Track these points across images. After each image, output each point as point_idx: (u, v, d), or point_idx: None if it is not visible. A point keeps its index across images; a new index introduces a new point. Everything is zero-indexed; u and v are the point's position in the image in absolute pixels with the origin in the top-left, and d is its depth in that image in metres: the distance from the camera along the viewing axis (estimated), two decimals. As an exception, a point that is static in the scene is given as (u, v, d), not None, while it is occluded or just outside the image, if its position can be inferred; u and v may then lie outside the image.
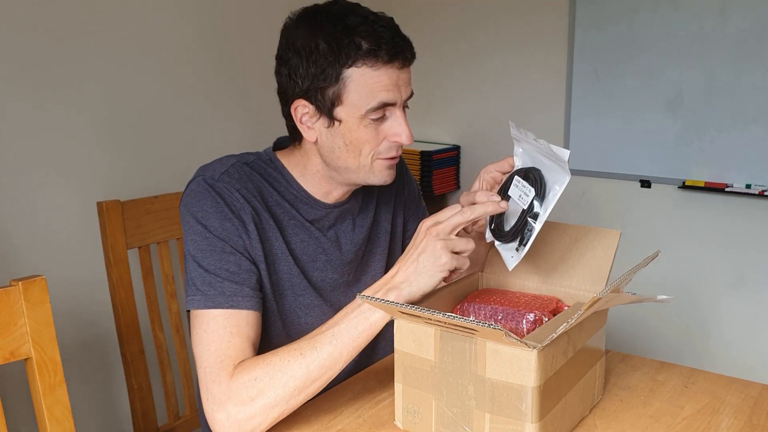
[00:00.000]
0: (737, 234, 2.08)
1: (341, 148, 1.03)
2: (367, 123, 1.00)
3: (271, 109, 2.10)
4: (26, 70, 1.52)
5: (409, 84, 1.03)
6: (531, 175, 0.96)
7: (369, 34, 0.96)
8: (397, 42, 0.98)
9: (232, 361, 0.94)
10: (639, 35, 2.11)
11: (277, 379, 0.91)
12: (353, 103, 0.99)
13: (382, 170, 1.05)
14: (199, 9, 1.88)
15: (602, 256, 1.04)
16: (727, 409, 1.01)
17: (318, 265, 1.12)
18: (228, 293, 0.97)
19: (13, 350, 0.87)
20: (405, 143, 1.03)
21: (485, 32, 2.44)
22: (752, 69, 1.95)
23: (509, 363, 0.81)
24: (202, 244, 0.99)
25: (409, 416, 0.93)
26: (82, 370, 1.67)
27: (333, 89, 0.99)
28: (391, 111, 1.01)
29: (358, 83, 0.98)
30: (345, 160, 1.04)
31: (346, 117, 1.00)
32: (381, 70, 0.98)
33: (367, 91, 0.98)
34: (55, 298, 0.95)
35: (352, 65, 0.97)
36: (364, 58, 0.96)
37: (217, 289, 0.97)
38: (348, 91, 0.98)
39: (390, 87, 0.99)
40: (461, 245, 0.94)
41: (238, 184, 1.03)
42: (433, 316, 0.80)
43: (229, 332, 0.96)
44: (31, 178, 1.55)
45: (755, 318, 2.09)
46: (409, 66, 1.02)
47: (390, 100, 1.00)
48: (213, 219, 1.00)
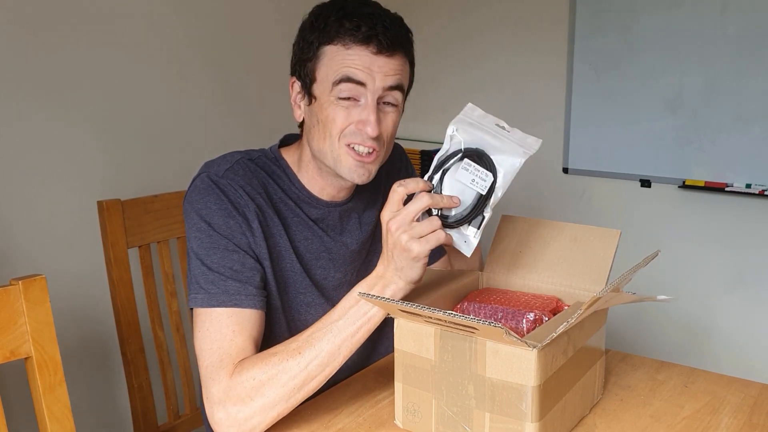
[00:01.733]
0: (737, 234, 2.08)
1: (315, 126, 1.03)
2: (334, 100, 0.99)
3: (271, 108, 2.10)
4: (26, 70, 1.52)
5: (389, 75, 0.99)
6: (485, 159, 0.92)
7: (355, 16, 0.97)
8: (377, 26, 0.97)
9: (233, 360, 0.94)
10: (639, 36, 2.11)
11: (276, 379, 0.91)
12: (323, 79, 1.00)
13: (350, 163, 1.02)
14: (200, 9, 1.88)
15: (602, 256, 1.04)
16: (727, 409, 1.01)
17: (321, 264, 1.12)
18: (231, 292, 0.97)
19: (14, 349, 0.87)
20: (370, 134, 0.99)
21: (486, 32, 2.44)
22: (752, 69, 1.95)
23: (509, 362, 0.81)
24: (206, 242, 0.99)
25: (409, 415, 0.93)
26: (82, 369, 1.67)
27: (310, 64, 1.01)
28: (363, 97, 0.99)
29: (330, 58, 0.99)
30: (318, 141, 1.03)
31: (319, 94, 1.01)
32: (352, 50, 0.98)
33: (336, 67, 0.98)
34: (56, 297, 0.95)
35: (329, 43, 0.99)
36: (342, 36, 0.98)
37: (221, 287, 0.97)
38: (320, 66, 1.00)
39: (359, 66, 0.98)
40: (426, 228, 0.88)
41: (242, 180, 1.03)
42: (434, 314, 0.80)
43: (232, 331, 0.95)
44: (32, 177, 1.55)
45: (755, 317, 2.09)
46: (389, 56, 0.99)
47: (356, 77, 0.98)
48: (217, 216, 1.00)
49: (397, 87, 1.01)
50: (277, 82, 2.10)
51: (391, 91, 1.01)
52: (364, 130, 0.99)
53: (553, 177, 2.35)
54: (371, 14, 0.98)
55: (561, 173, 2.33)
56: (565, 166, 2.31)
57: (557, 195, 2.36)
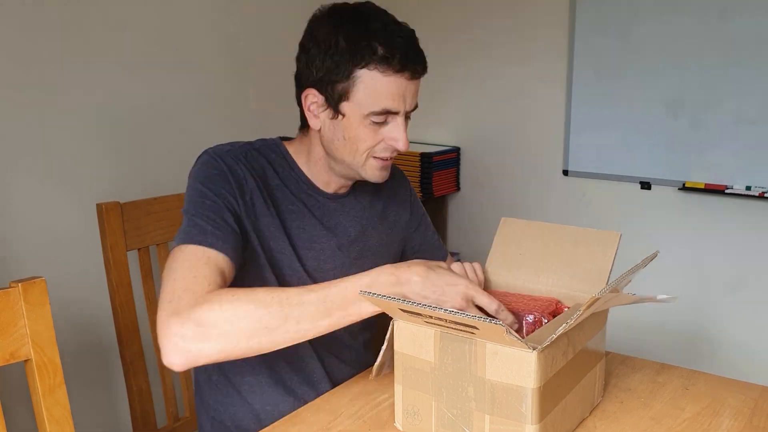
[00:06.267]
0: (737, 235, 2.08)
1: (340, 141, 1.07)
2: (368, 123, 1.04)
3: (272, 111, 2.11)
4: (26, 72, 1.52)
5: (415, 96, 1.07)
6: None
7: (386, 40, 1.00)
8: (410, 54, 1.02)
9: (201, 288, 0.90)
10: (639, 37, 2.11)
11: (247, 311, 0.88)
12: (359, 102, 1.03)
13: (374, 169, 1.10)
14: (200, 11, 1.88)
15: (602, 258, 1.04)
16: (728, 411, 1.01)
17: (313, 254, 1.14)
18: (208, 232, 0.97)
19: (13, 352, 0.87)
20: (401, 149, 1.08)
21: (485, 34, 2.44)
22: (752, 72, 1.95)
23: (509, 364, 0.81)
24: (197, 199, 1.02)
25: (409, 418, 0.93)
26: (81, 371, 1.67)
27: (343, 85, 1.03)
28: (392, 118, 1.05)
29: (367, 85, 1.02)
30: (342, 153, 1.08)
31: (350, 113, 1.04)
32: (390, 78, 1.02)
33: (374, 95, 1.02)
34: (55, 299, 0.95)
35: (364, 66, 1.01)
36: (377, 62, 1.01)
37: (199, 228, 0.98)
38: (356, 90, 1.03)
39: (395, 96, 1.03)
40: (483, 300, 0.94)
41: (243, 160, 1.08)
42: (434, 312, 0.80)
43: (203, 263, 0.94)
44: (31, 179, 1.55)
45: (755, 319, 2.09)
46: (418, 78, 1.05)
47: (393, 108, 1.04)
48: (214, 181, 1.04)
49: (416, 106, 1.09)
50: (278, 86, 2.10)
51: (413, 109, 1.09)
52: (396, 145, 1.07)
53: (553, 179, 2.35)
54: (400, 37, 1.02)
55: (561, 175, 2.33)
56: (565, 169, 2.31)
57: (557, 197, 2.36)
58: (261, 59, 2.08)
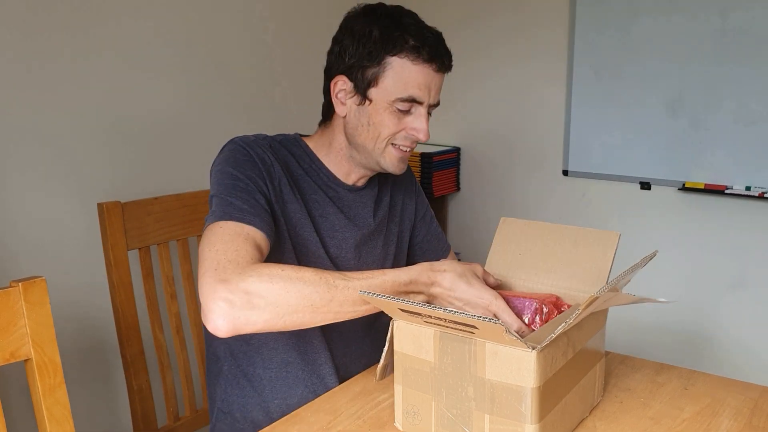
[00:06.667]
0: (737, 236, 2.08)
1: (364, 126, 1.12)
2: (393, 110, 1.10)
3: (274, 111, 2.11)
4: (27, 71, 1.52)
5: (438, 92, 1.13)
6: None
7: (417, 33, 1.08)
8: (439, 48, 1.10)
9: (245, 261, 0.92)
10: (639, 37, 2.12)
11: (297, 288, 0.90)
12: (387, 88, 1.09)
13: (393, 159, 1.15)
14: (201, 12, 1.88)
15: (602, 258, 1.04)
16: (727, 411, 1.01)
17: (335, 242, 1.18)
18: (244, 210, 1.00)
19: (13, 351, 0.87)
20: (422, 139, 1.13)
21: (486, 33, 2.44)
22: (752, 70, 1.95)
23: (509, 364, 0.81)
24: (228, 182, 1.04)
25: (409, 418, 0.93)
26: (82, 371, 1.67)
27: (373, 70, 1.08)
28: (416, 108, 1.11)
29: (396, 71, 1.08)
30: (364, 139, 1.13)
31: (377, 98, 1.10)
32: (419, 66, 1.08)
33: (403, 82, 1.08)
34: (55, 299, 0.95)
35: (396, 54, 1.08)
36: (408, 51, 1.07)
37: (235, 207, 1.00)
38: (386, 75, 1.08)
39: (422, 85, 1.09)
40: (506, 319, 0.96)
41: (269, 150, 1.12)
42: (434, 312, 0.80)
43: (243, 238, 0.95)
44: (32, 179, 1.55)
45: (755, 320, 2.09)
46: (443, 74, 1.12)
47: (419, 97, 1.09)
48: (243, 166, 1.07)
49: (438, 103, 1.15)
50: (281, 84, 2.11)
51: (435, 105, 1.15)
52: (417, 136, 1.12)
53: (552, 179, 2.35)
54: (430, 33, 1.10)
55: (561, 175, 2.33)
56: (565, 169, 2.31)
57: (557, 197, 2.36)
58: (265, 60, 2.08)
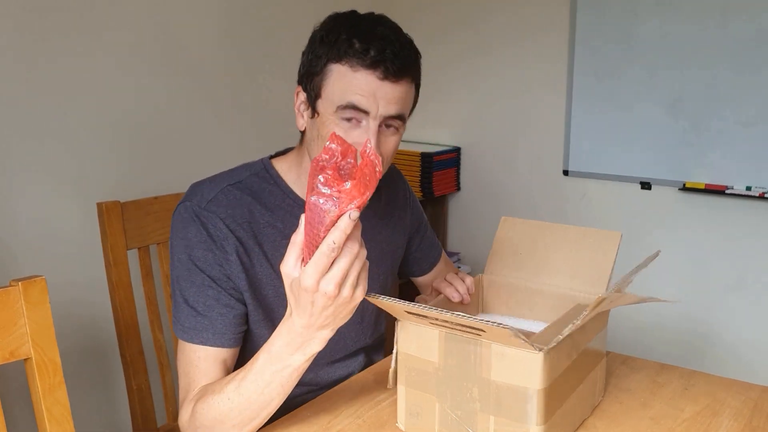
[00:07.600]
0: (738, 236, 2.08)
1: (316, 140, 1.02)
2: (338, 122, 0.98)
3: (272, 112, 2.10)
4: (26, 71, 1.52)
5: (393, 102, 0.98)
6: None
7: (365, 38, 0.96)
8: (386, 53, 0.95)
9: (196, 386, 0.99)
10: (639, 37, 2.11)
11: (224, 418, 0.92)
12: (328, 98, 0.99)
13: None
14: (201, 12, 1.88)
15: (603, 258, 1.04)
16: (727, 411, 1.01)
17: None
18: (199, 328, 1.00)
19: (13, 350, 0.87)
20: None
21: (486, 34, 2.44)
22: (753, 71, 1.95)
23: (515, 365, 0.81)
24: (184, 273, 1.02)
25: (412, 419, 0.93)
26: (81, 370, 1.67)
27: (317, 79, 1.00)
28: (366, 120, 0.98)
29: (336, 79, 0.98)
30: (317, 154, 1.02)
31: (322, 111, 1.00)
32: (359, 73, 0.96)
33: (341, 89, 0.97)
34: (55, 298, 0.95)
35: (337, 61, 0.97)
36: (349, 57, 0.96)
37: (192, 323, 1.00)
38: (326, 84, 0.99)
39: (364, 93, 0.96)
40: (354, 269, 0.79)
41: (224, 212, 1.02)
42: (441, 315, 0.79)
43: (195, 366, 1.00)
44: (32, 178, 1.55)
45: (755, 320, 2.09)
46: (394, 82, 0.97)
47: (361, 105, 0.96)
48: (196, 248, 1.01)
49: (398, 117, 1.00)
50: (278, 86, 2.11)
51: (392, 119, 1.00)
52: None
53: (553, 179, 2.35)
54: (383, 37, 0.96)
55: (561, 175, 2.33)
56: (566, 169, 2.31)
57: (557, 197, 2.36)
58: (264, 62, 2.07)
